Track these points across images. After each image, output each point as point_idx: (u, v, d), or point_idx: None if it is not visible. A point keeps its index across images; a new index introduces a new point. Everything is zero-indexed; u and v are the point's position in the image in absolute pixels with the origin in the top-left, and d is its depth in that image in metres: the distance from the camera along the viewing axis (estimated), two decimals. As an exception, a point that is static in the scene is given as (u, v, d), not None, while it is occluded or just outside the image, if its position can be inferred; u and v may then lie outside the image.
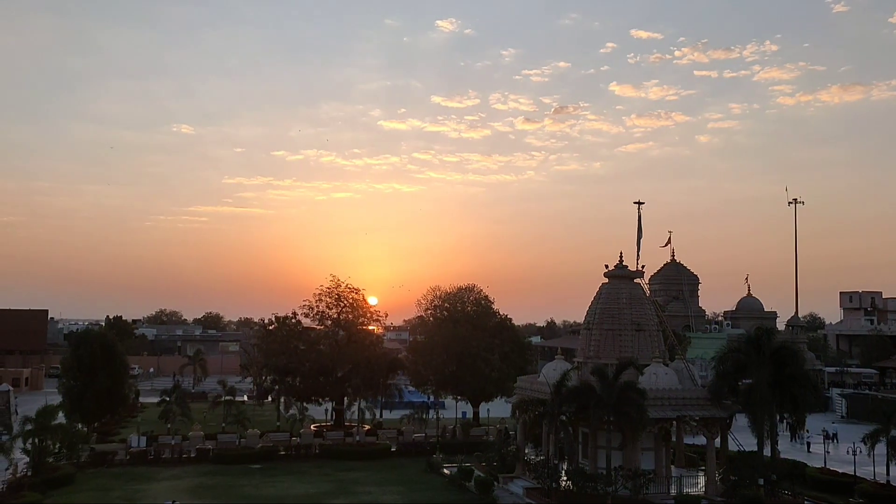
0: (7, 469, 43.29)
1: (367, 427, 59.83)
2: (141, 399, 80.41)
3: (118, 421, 66.19)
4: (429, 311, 69.10)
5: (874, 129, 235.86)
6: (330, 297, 65.00)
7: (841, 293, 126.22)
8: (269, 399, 70.92)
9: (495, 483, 41.24)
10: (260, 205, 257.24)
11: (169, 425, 55.42)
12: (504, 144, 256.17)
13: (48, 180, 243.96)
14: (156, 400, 63.48)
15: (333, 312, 64.93)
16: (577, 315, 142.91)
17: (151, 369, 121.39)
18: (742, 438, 43.27)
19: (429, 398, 68.71)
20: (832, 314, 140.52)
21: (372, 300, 68.41)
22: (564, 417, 39.13)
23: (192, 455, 51.38)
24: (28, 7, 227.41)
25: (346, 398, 63.19)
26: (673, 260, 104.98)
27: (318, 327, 65.76)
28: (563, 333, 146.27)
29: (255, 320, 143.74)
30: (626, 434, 37.16)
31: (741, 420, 41.72)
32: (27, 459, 42.88)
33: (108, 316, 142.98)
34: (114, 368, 58.66)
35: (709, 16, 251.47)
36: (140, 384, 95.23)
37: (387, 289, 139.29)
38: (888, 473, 42.89)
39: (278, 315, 66.04)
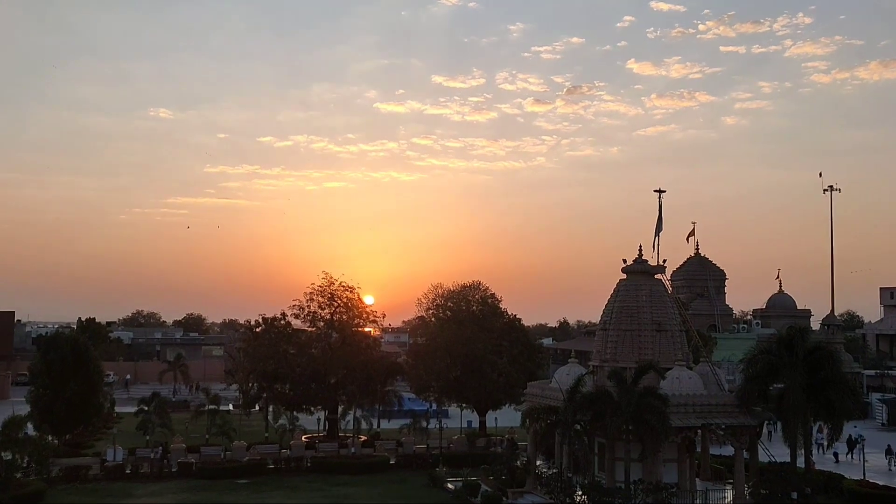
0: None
1: (364, 438, 59.98)
2: (117, 408, 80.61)
3: (92, 432, 66.37)
4: (430, 311, 69.24)
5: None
6: (322, 297, 65.10)
7: (881, 289, 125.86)
8: (257, 408, 71.09)
9: (504, 498, 41.37)
10: (245, 196, 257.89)
11: (148, 437, 55.56)
12: (512, 128, 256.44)
13: (14, 171, 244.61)
14: (133, 409, 63.61)
15: (326, 313, 65.06)
16: (593, 314, 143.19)
17: (128, 376, 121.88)
18: (774, 449, 43.32)
19: (430, 406, 68.82)
20: (872, 312, 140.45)
21: (368, 299, 68.64)
22: (579, 426, 39.22)
23: (174, 469, 51.54)
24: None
25: (340, 406, 63.37)
26: (697, 253, 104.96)
27: (310, 329, 65.89)
28: (577, 335, 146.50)
29: (241, 322, 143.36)
30: (646, 444, 37.20)
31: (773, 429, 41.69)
32: (-7, 475, 43.00)
33: (80, 318, 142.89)
34: (87, 375, 58.72)
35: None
36: (116, 392, 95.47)
37: (384, 287, 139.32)
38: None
39: (266, 316, 66.24)
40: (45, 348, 60.57)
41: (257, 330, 66.81)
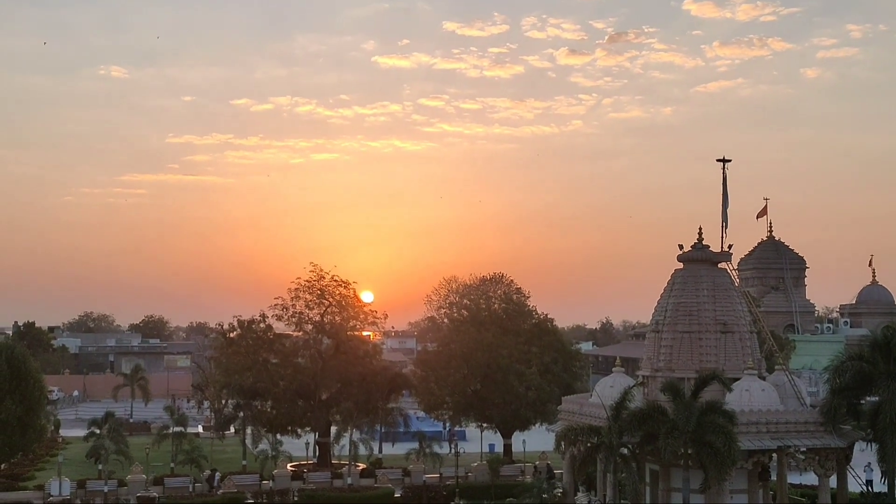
0: None
1: (362, 466, 60.33)
2: (62, 431, 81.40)
3: (33, 461, 67.12)
4: (443, 311, 69.64)
5: None
6: (310, 294, 65.34)
7: None
8: (232, 430, 71.51)
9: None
10: (216, 171, 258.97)
11: (101, 466, 56.00)
12: (542, 85, 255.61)
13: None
14: (82, 433, 64.07)
15: (315, 314, 65.30)
16: (642, 314, 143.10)
17: (76, 392, 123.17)
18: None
19: (444, 426, 69.00)
20: None
21: (366, 297, 68.91)
22: (626, 450, 39.25)
23: (132, 504, 52.12)
24: None
25: (333, 428, 63.61)
26: (770, 237, 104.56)
27: (296, 334, 66.24)
28: (622, 338, 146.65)
29: (211, 326, 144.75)
30: (709, 472, 37.18)
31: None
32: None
33: (16, 322, 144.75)
34: (26, 392, 59.21)
35: None
36: (61, 412, 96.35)
37: (386, 282, 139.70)
38: None
39: (242, 318, 66.55)
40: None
41: (231, 335, 67.15)
